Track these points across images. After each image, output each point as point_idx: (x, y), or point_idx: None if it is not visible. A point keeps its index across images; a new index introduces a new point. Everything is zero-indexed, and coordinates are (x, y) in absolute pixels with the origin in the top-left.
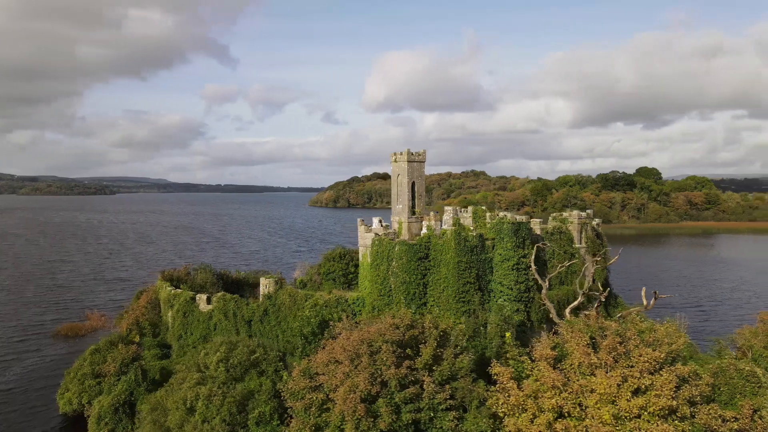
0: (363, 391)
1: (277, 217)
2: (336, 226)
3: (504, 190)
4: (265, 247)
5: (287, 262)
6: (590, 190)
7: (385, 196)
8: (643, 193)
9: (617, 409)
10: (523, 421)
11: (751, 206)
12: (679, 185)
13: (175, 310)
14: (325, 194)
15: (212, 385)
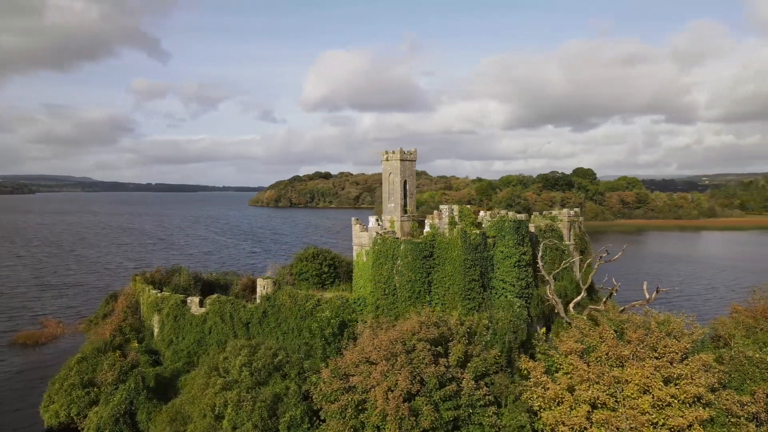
0: (403, 390)
1: (220, 217)
2: (284, 226)
3: (450, 189)
4: (218, 248)
5: (245, 263)
6: (532, 189)
7: (327, 196)
8: (581, 193)
9: (653, 398)
10: (563, 414)
11: (676, 205)
12: (612, 185)
13: (164, 315)
14: (266, 193)
15: (239, 389)
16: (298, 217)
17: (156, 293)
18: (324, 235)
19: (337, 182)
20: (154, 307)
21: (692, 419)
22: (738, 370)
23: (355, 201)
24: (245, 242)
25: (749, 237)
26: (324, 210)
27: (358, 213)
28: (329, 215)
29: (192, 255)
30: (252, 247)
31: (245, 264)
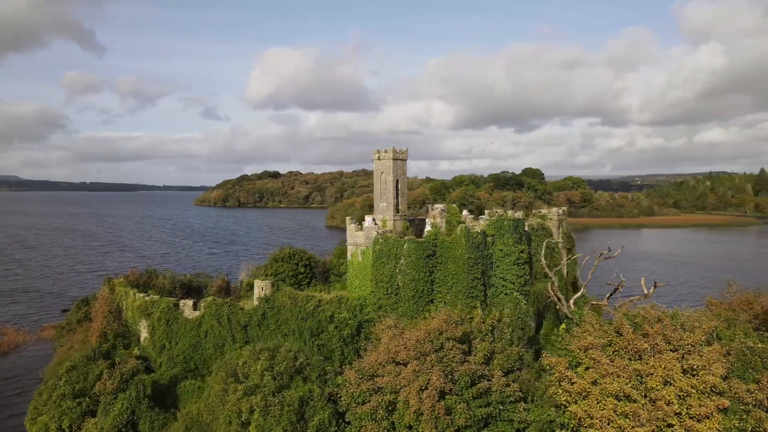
0: (436, 389)
1: (167, 217)
2: (238, 226)
3: None
4: (174, 250)
5: (208, 264)
6: (484, 189)
7: (276, 195)
8: (530, 192)
9: (677, 389)
10: (590, 407)
11: (618, 204)
12: (559, 185)
13: (155, 319)
14: (213, 193)
15: (263, 394)
16: (250, 217)
17: (143, 297)
18: (282, 235)
19: (287, 182)
20: (143, 312)
21: (713, 408)
22: (740, 359)
23: (305, 201)
24: (201, 243)
25: (686, 234)
26: (274, 210)
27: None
28: (280, 215)
29: (148, 257)
30: (210, 248)
31: (207, 266)
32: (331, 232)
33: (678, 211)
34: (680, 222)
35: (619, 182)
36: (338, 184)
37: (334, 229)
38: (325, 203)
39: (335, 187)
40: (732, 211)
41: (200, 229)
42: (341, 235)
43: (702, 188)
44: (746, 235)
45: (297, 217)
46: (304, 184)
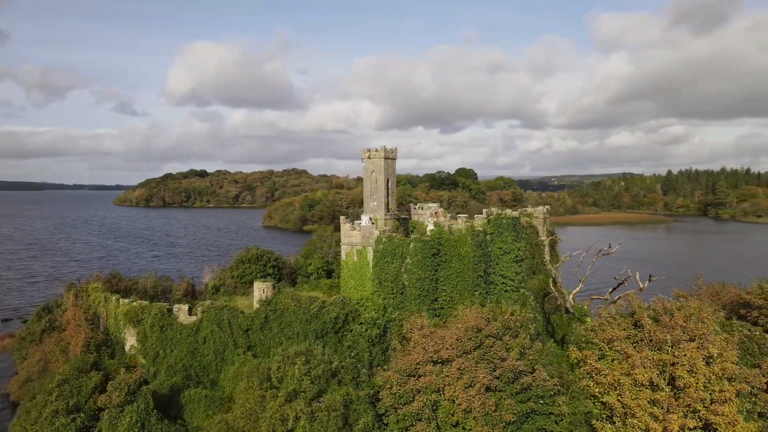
0: (483, 385)
1: (89, 219)
2: (171, 227)
3: (342, 188)
4: (109, 253)
5: (153, 267)
6: (420, 188)
7: (204, 195)
8: (465, 192)
9: (703, 377)
10: (625, 397)
11: (546, 203)
12: (492, 185)
13: (148, 326)
14: (135, 192)
15: (305, 399)
16: (180, 217)
17: (128, 302)
18: (222, 235)
19: (215, 181)
20: (130, 318)
21: (733, 393)
22: (740, 347)
23: (234, 200)
24: (139, 246)
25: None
26: (202, 210)
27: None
28: (212, 215)
29: (85, 261)
30: (150, 251)
31: (153, 268)
32: (270, 232)
33: (598, 210)
34: (601, 220)
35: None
36: (269, 184)
37: (272, 229)
38: (255, 203)
39: (266, 187)
40: (645, 210)
41: (131, 230)
42: (282, 235)
43: (618, 188)
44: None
45: (230, 217)
46: (234, 183)
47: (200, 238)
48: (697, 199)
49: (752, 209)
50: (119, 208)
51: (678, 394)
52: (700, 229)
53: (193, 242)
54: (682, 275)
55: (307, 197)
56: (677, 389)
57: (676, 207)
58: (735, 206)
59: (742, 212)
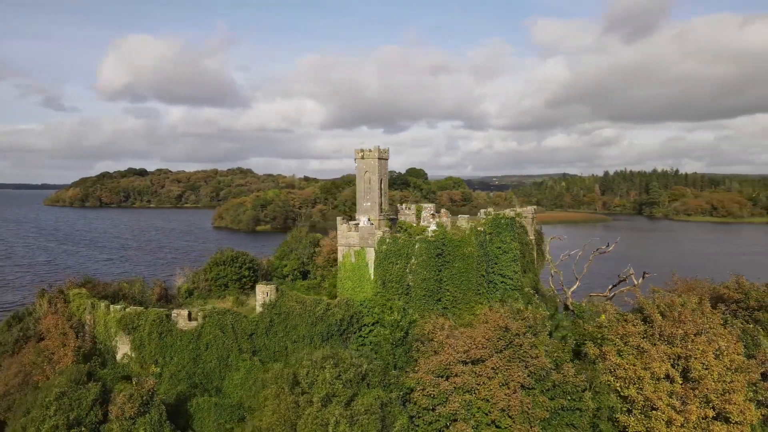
0: (518, 383)
1: (21, 220)
2: (117, 228)
3: (293, 188)
4: (55, 256)
5: (107, 271)
6: None
7: (145, 194)
8: (416, 191)
9: (717, 369)
10: (646, 391)
11: (494, 203)
12: (442, 185)
13: (145, 333)
14: (69, 192)
15: (342, 403)
16: (123, 218)
17: (120, 309)
18: (174, 237)
19: (156, 180)
20: (124, 325)
21: (743, 383)
22: None
23: (177, 200)
24: (85, 249)
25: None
26: (143, 210)
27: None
28: (155, 216)
29: (28, 266)
30: (98, 253)
31: (107, 273)
32: (222, 232)
33: (543, 209)
34: (546, 219)
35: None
36: (213, 183)
37: (223, 229)
38: (200, 203)
39: (210, 186)
40: (585, 209)
41: (72, 232)
42: (235, 236)
43: (559, 188)
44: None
45: (176, 218)
46: (176, 182)
47: (151, 240)
48: (632, 199)
49: (683, 208)
50: (52, 208)
51: (693, 386)
52: (638, 227)
53: (144, 244)
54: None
55: (259, 197)
56: (691, 381)
57: (613, 206)
58: (667, 205)
59: (673, 211)
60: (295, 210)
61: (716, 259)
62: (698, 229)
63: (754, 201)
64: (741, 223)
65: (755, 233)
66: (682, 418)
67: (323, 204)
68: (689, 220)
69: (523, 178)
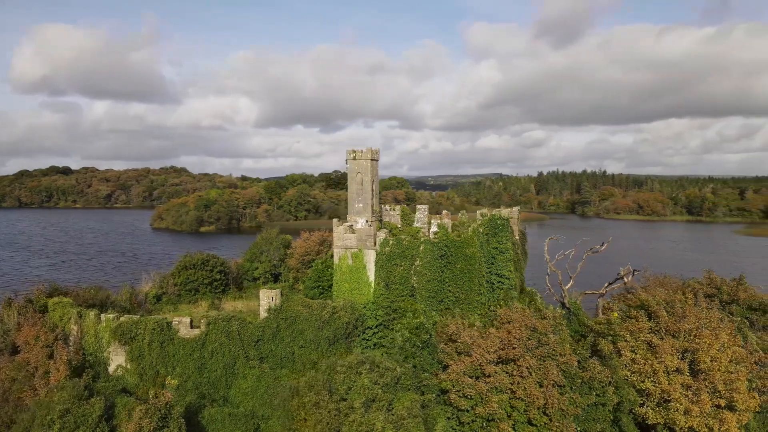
0: (552, 382)
1: None
2: (47, 231)
3: (235, 188)
4: None
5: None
6: (317, 188)
7: (70, 194)
8: None
9: (724, 361)
10: (662, 384)
11: (437, 202)
12: (386, 184)
13: (145, 343)
14: None
15: (383, 408)
16: (50, 219)
17: (114, 318)
18: (114, 239)
19: (81, 179)
20: (120, 335)
21: (745, 373)
22: None
23: (106, 200)
24: (18, 253)
25: None
26: (69, 211)
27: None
28: (86, 216)
29: None
30: (34, 258)
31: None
32: (163, 234)
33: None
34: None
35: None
36: (146, 183)
37: (163, 231)
38: (131, 203)
39: (143, 186)
40: (522, 208)
41: None
42: (178, 237)
43: (497, 188)
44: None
45: (109, 219)
46: (104, 181)
47: (90, 243)
48: (565, 198)
49: (612, 207)
50: None
51: (702, 378)
52: (574, 225)
53: (84, 248)
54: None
55: (201, 197)
56: (699, 373)
57: (548, 205)
58: (598, 204)
59: (604, 210)
60: (240, 210)
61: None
62: (630, 227)
63: (675, 200)
64: (664, 221)
65: (678, 230)
66: (698, 408)
67: (268, 204)
68: (618, 218)
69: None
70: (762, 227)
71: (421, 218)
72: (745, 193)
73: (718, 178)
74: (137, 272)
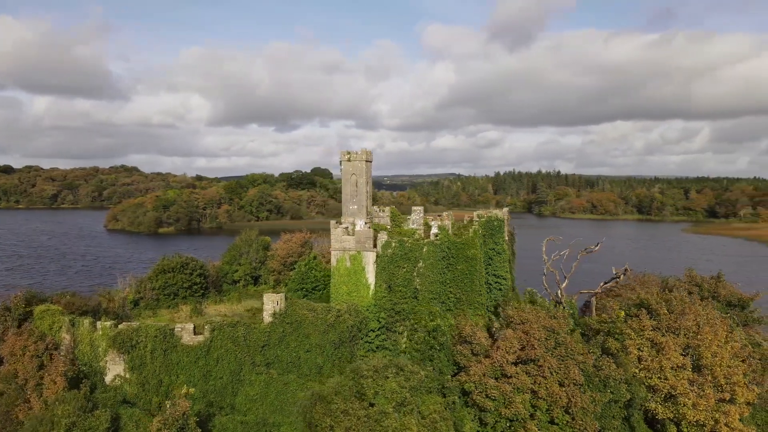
0: (574, 381)
1: None
2: None
3: (194, 188)
4: None
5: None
6: (278, 188)
7: (12, 194)
8: (323, 191)
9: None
10: (670, 380)
11: (398, 202)
12: None
13: (148, 351)
14: None
15: (409, 410)
16: None
17: (111, 325)
18: (69, 242)
19: (25, 178)
20: (119, 344)
21: (743, 368)
22: None
23: (52, 200)
24: None
25: None
26: (12, 211)
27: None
28: (32, 217)
29: None
30: None
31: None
32: (119, 236)
33: (443, 208)
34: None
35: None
36: (94, 182)
37: (119, 232)
38: (79, 204)
39: (92, 186)
40: (480, 208)
41: None
42: (136, 239)
43: (455, 188)
44: None
45: (58, 220)
46: (50, 181)
47: (45, 246)
48: (522, 198)
49: (568, 206)
50: None
51: (705, 373)
52: (533, 224)
53: (40, 251)
54: None
55: (159, 197)
56: (701, 368)
57: (506, 204)
58: (554, 204)
59: (560, 209)
60: (200, 211)
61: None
62: (585, 226)
63: (626, 200)
64: (616, 220)
65: (632, 229)
66: (705, 402)
67: (228, 204)
68: (574, 217)
69: (413, 177)
70: (707, 225)
71: (416, 220)
72: (688, 193)
73: (663, 178)
74: (104, 276)
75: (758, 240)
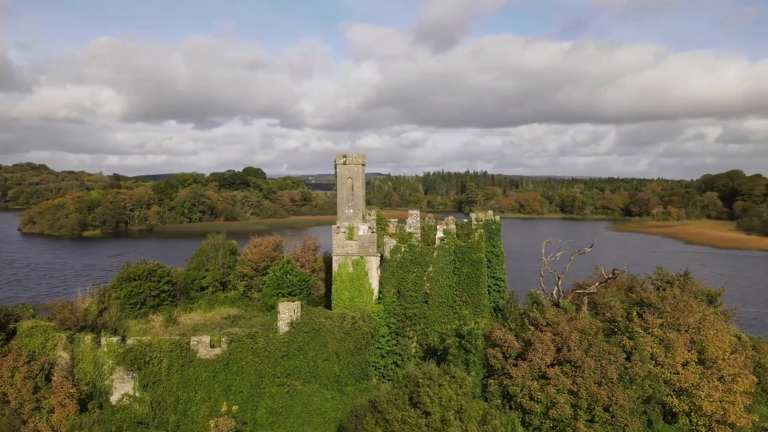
0: (611, 381)
1: None
2: None
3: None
4: None
5: None
6: (210, 188)
7: None
8: (257, 191)
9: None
10: (683, 374)
11: (332, 202)
12: (281, 184)
13: (163, 367)
14: None
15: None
16: None
17: (118, 341)
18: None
19: None
20: (129, 361)
21: (742, 364)
22: None
23: None
24: None
25: None
26: None
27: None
28: None
29: None
30: None
31: None
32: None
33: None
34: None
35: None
36: None
37: (37, 236)
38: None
39: None
40: (412, 207)
41: None
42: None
43: (387, 188)
44: None
45: None
46: None
47: None
48: (452, 198)
49: (497, 206)
50: None
51: (710, 366)
52: None
53: None
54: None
55: (82, 198)
56: (706, 362)
57: (437, 204)
58: (483, 203)
59: (490, 208)
60: (128, 212)
61: None
62: (515, 225)
63: (550, 200)
64: (543, 219)
65: (558, 227)
66: (716, 393)
67: (158, 205)
68: (503, 216)
69: None
70: (625, 224)
71: (413, 224)
72: (603, 193)
73: (578, 178)
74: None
75: (673, 237)
